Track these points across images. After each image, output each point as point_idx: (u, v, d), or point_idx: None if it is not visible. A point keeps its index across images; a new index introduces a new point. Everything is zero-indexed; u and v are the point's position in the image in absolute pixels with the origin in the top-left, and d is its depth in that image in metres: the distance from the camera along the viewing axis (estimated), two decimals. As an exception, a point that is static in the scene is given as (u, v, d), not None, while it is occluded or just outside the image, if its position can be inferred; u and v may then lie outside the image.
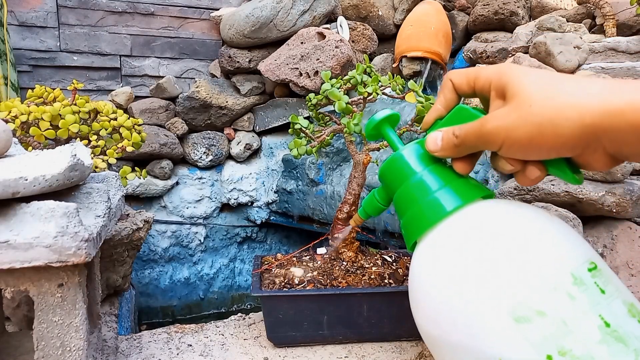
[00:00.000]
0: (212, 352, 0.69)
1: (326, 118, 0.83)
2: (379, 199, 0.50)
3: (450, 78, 0.42)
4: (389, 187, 0.46)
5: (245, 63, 1.72)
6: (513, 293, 0.33)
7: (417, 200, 0.42)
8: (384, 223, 1.38)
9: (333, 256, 0.78)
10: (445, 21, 1.77)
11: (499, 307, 0.33)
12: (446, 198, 0.40)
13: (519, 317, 0.32)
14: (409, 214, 0.42)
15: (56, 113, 0.82)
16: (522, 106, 0.33)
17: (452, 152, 0.40)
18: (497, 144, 0.35)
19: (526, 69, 0.36)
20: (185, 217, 1.73)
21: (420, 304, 0.40)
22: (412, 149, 0.44)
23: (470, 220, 0.38)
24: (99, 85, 1.73)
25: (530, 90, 0.34)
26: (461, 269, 0.36)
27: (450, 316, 0.36)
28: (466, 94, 0.42)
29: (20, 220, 0.43)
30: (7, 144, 0.53)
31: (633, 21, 1.44)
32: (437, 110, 0.43)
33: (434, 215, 0.40)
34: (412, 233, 0.42)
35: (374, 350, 0.70)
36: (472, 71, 0.40)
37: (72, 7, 1.67)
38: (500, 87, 0.36)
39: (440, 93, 0.43)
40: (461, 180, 0.41)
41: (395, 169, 0.44)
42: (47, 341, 0.47)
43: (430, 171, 0.42)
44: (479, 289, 0.34)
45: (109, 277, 0.88)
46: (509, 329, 0.32)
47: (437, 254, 0.38)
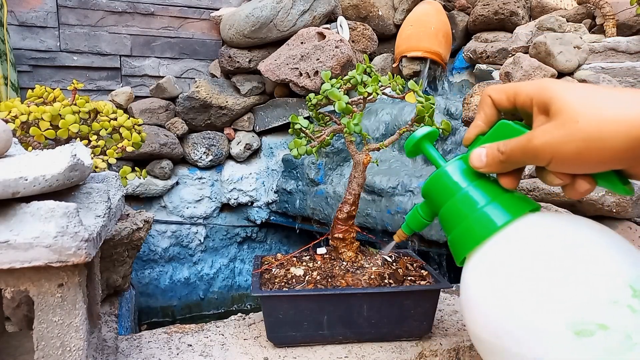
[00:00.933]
0: (212, 352, 0.69)
1: (326, 118, 0.83)
2: (422, 214, 0.50)
3: (489, 94, 0.42)
4: (434, 203, 0.47)
5: (245, 63, 1.72)
6: (572, 307, 0.33)
7: (465, 215, 0.42)
8: (384, 223, 1.38)
9: (333, 256, 0.78)
10: (445, 21, 1.77)
11: (558, 321, 0.33)
12: (495, 213, 0.40)
13: (580, 330, 0.32)
14: (457, 230, 0.43)
15: (56, 113, 0.82)
16: (569, 122, 0.34)
17: (498, 168, 0.41)
18: (545, 159, 0.36)
19: (567, 84, 0.36)
20: (185, 217, 1.73)
21: (476, 317, 0.40)
22: (455, 165, 0.44)
23: (523, 234, 0.39)
24: (99, 85, 1.73)
25: (575, 106, 0.34)
26: (517, 283, 0.36)
27: (509, 329, 0.36)
28: (506, 110, 0.42)
29: (20, 220, 0.43)
30: (7, 144, 0.53)
31: (633, 21, 1.44)
32: (478, 127, 0.44)
33: (484, 230, 0.40)
34: (462, 248, 0.42)
35: (374, 350, 0.69)
36: (511, 87, 0.41)
37: (72, 7, 1.67)
38: (542, 103, 0.37)
39: (479, 109, 0.44)
40: (507, 194, 0.42)
41: (440, 185, 0.45)
42: (47, 341, 0.47)
43: (475, 186, 0.43)
44: (537, 302, 0.34)
45: (109, 277, 0.88)
46: (570, 343, 0.32)
47: (491, 268, 0.39)
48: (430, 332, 0.73)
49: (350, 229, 0.77)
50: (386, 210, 1.37)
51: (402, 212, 1.33)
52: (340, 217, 0.77)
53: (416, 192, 1.32)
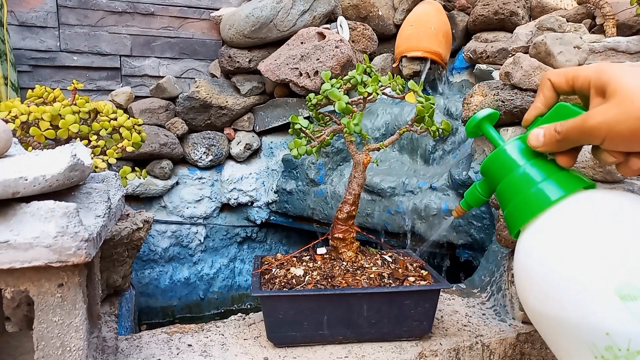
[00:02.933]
0: (212, 352, 0.69)
1: (326, 118, 0.83)
2: (480, 191, 0.53)
3: (549, 77, 0.45)
4: (492, 179, 0.50)
5: (245, 63, 1.72)
6: (619, 273, 0.36)
7: (521, 191, 0.45)
8: (384, 223, 1.38)
9: (333, 256, 0.78)
10: (445, 21, 1.77)
11: (605, 286, 0.36)
12: (550, 189, 0.43)
13: (625, 295, 0.35)
14: (513, 204, 0.46)
15: (56, 113, 0.82)
16: (625, 102, 0.36)
17: (554, 147, 0.43)
18: (600, 138, 0.38)
19: (624, 67, 0.38)
20: (185, 217, 1.73)
21: (529, 285, 0.42)
22: (514, 144, 0.47)
23: (575, 208, 0.41)
24: (99, 85, 1.73)
25: (631, 87, 0.36)
26: (570, 251, 0.39)
27: (559, 296, 0.39)
28: (565, 92, 0.44)
29: (20, 220, 0.43)
30: (7, 144, 0.53)
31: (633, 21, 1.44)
32: (537, 108, 0.46)
33: (539, 204, 0.43)
34: (517, 221, 0.45)
35: (374, 350, 0.69)
36: (571, 71, 0.43)
37: (72, 7, 1.67)
38: (600, 85, 0.39)
39: (539, 92, 0.46)
40: (563, 172, 0.44)
41: (499, 163, 0.48)
42: (47, 341, 0.47)
43: (532, 164, 0.45)
44: (588, 269, 0.37)
45: (109, 277, 0.88)
46: (616, 306, 0.35)
47: (544, 240, 0.42)
48: (430, 332, 0.73)
49: (350, 229, 0.77)
50: (386, 210, 1.37)
51: (402, 212, 1.33)
52: (340, 217, 0.77)
53: (416, 192, 1.32)
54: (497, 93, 1.00)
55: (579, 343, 0.38)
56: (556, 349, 0.42)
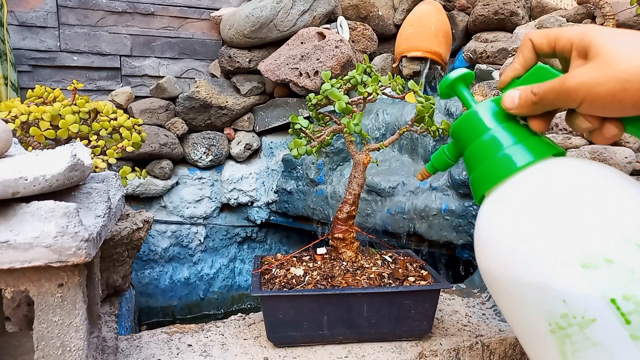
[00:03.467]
0: (212, 352, 0.69)
1: (326, 118, 0.83)
2: (448, 154, 0.51)
3: (530, 38, 0.43)
4: (461, 142, 0.47)
5: (245, 63, 1.72)
6: (583, 241, 0.35)
7: (489, 155, 0.43)
8: (384, 223, 1.38)
9: (333, 256, 0.78)
10: (445, 21, 1.77)
11: (567, 253, 0.35)
12: (519, 154, 0.41)
13: (587, 263, 0.34)
14: (480, 168, 0.44)
15: (56, 113, 0.82)
16: (607, 63, 0.35)
17: (529, 110, 0.41)
18: (577, 100, 0.37)
19: (610, 30, 0.37)
20: (185, 217, 1.73)
21: (489, 250, 0.41)
22: (486, 106, 0.45)
23: (543, 175, 0.40)
24: (99, 85, 1.73)
25: (615, 48, 0.35)
26: (533, 218, 0.38)
27: (519, 261, 0.38)
28: (546, 54, 0.42)
29: (20, 220, 0.43)
30: (7, 144, 0.53)
31: (633, 21, 1.44)
32: (515, 70, 0.44)
33: (505, 169, 0.41)
34: (482, 186, 0.43)
35: (374, 350, 0.70)
36: (553, 31, 0.41)
37: (72, 7, 1.67)
38: (582, 47, 0.37)
39: (519, 52, 0.44)
40: (534, 137, 0.42)
41: (469, 125, 0.45)
42: (47, 341, 0.47)
43: (503, 128, 0.43)
44: (551, 236, 0.36)
45: (109, 277, 0.88)
46: (576, 273, 0.34)
47: (508, 205, 0.40)
48: (430, 332, 0.73)
49: (350, 229, 0.77)
50: (386, 210, 1.37)
51: (402, 212, 1.33)
52: (340, 217, 0.77)
53: (416, 192, 1.32)
54: (497, 93, 1.00)
55: (534, 309, 0.37)
56: (510, 316, 0.41)
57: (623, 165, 0.81)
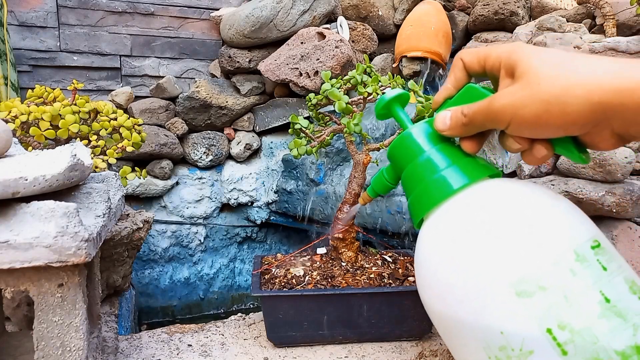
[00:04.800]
0: (212, 352, 0.69)
1: (326, 118, 0.83)
2: (387, 177, 0.49)
3: (461, 57, 0.42)
4: (397, 165, 0.46)
5: (245, 63, 1.72)
6: (515, 268, 0.33)
7: (424, 178, 0.42)
8: (384, 223, 1.38)
9: (333, 256, 0.78)
10: (445, 21, 1.77)
11: (501, 282, 0.34)
12: (453, 176, 0.40)
13: (521, 291, 0.33)
14: (415, 192, 0.43)
15: (56, 113, 0.82)
16: (531, 84, 0.34)
17: (461, 131, 0.40)
18: (504, 122, 0.36)
19: (537, 48, 0.36)
20: (185, 217, 1.73)
21: (426, 280, 0.40)
22: (420, 127, 0.44)
23: (476, 198, 0.39)
24: (99, 85, 1.73)
25: (539, 68, 0.34)
26: (466, 245, 0.36)
27: (455, 292, 0.36)
28: (477, 73, 0.42)
29: (20, 220, 0.43)
30: (7, 144, 0.53)
31: (633, 21, 1.44)
32: (446, 90, 0.43)
33: (440, 193, 0.40)
34: (418, 211, 0.42)
35: (374, 350, 0.70)
36: (483, 50, 0.40)
37: (72, 7, 1.67)
38: (509, 66, 0.36)
39: (450, 72, 0.43)
40: (469, 159, 0.41)
41: (404, 148, 0.44)
42: (47, 341, 0.47)
43: (438, 150, 0.42)
44: (483, 264, 0.35)
45: (109, 277, 0.88)
46: (511, 303, 0.33)
47: (442, 231, 0.39)
48: (430, 332, 0.73)
49: (350, 229, 0.77)
50: (386, 210, 1.37)
51: (402, 212, 1.33)
52: (340, 217, 0.77)
53: (416, 192, 1.32)
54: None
55: (474, 342, 0.35)
56: (452, 347, 0.40)
57: (623, 165, 0.81)
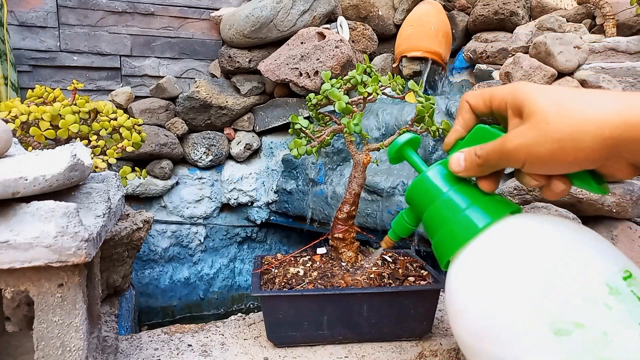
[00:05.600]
0: (212, 352, 0.69)
1: (326, 118, 0.83)
2: (407, 220, 0.51)
3: (467, 100, 0.43)
4: (417, 208, 0.47)
5: (245, 63, 1.72)
6: (551, 307, 0.34)
7: (447, 219, 0.43)
8: (384, 223, 1.38)
9: (333, 256, 0.78)
10: (445, 21, 1.77)
11: (538, 321, 0.34)
12: (476, 216, 0.41)
13: (559, 330, 0.33)
14: (440, 234, 0.43)
15: (56, 113, 0.82)
16: (540, 124, 0.35)
17: (476, 172, 0.41)
18: (519, 161, 0.37)
19: (539, 87, 0.37)
20: (185, 217, 1.73)
21: (460, 318, 0.40)
22: (436, 170, 0.45)
23: (503, 237, 0.39)
24: (99, 85, 1.73)
25: (546, 107, 0.35)
26: (498, 284, 0.37)
27: (491, 331, 0.37)
28: (483, 114, 0.43)
29: (20, 220, 0.43)
30: (7, 144, 0.53)
31: (633, 21, 1.44)
32: (456, 132, 0.44)
33: (465, 233, 0.41)
34: (445, 252, 0.43)
35: (374, 350, 0.70)
36: (487, 92, 0.41)
37: (72, 7, 1.67)
38: (516, 106, 0.37)
39: (458, 115, 0.44)
40: (487, 197, 0.42)
41: (422, 191, 0.46)
42: (47, 341, 0.47)
43: (456, 190, 0.43)
44: (517, 304, 0.35)
45: (109, 277, 0.88)
46: (549, 342, 0.33)
47: (472, 271, 0.39)
48: (430, 332, 0.73)
49: (350, 229, 0.77)
50: (386, 210, 1.37)
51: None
52: (340, 217, 0.77)
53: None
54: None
55: None
56: None
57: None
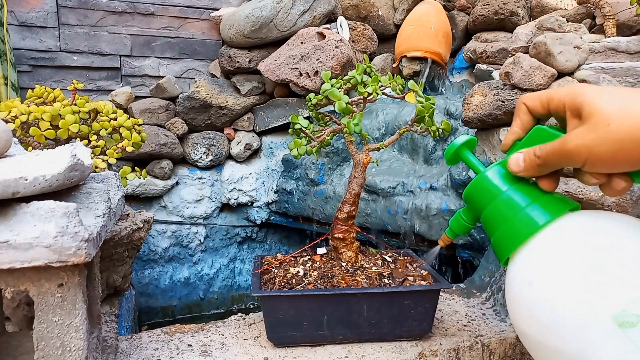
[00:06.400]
0: (212, 352, 0.69)
1: (326, 118, 0.83)
2: (465, 218, 0.52)
3: (524, 102, 0.44)
4: (475, 207, 0.49)
5: (245, 63, 1.72)
6: (615, 300, 0.35)
7: (507, 217, 0.44)
8: (384, 223, 1.38)
9: (333, 256, 0.78)
10: (445, 21, 1.77)
11: (602, 314, 0.35)
12: (536, 213, 0.42)
13: (623, 322, 0.34)
14: (500, 231, 0.45)
15: (56, 113, 0.82)
16: (600, 125, 0.36)
17: (535, 172, 0.43)
18: (580, 161, 0.38)
19: (598, 88, 0.38)
20: (185, 217, 1.73)
21: (522, 313, 0.41)
22: (495, 170, 0.47)
23: (564, 232, 0.40)
24: (99, 85, 1.73)
25: (605, 109, 0.36)
26: (561, 279, 0.38)
27: (554, 324, 0.38)
28: (541, 115, 0.44)
29: (20, 220, 0.43)
30: (7, 144, 0.53)
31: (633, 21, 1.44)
32: (515, 133, 0.46)
33: (526, 230, 0.42)
34: (505, 248, 0.44)
35: (374, 350, 0.69)
36: (544, 94, 0.42)
37: (72, 7, 1.67)
38: (574, 108, 0.38)
39: (515, 116, 0.46)
40: (546, 195, 0.43)
41: (481, 190, 0.47)
42: (47, 341, 0.47)
43: (515, 189, 0.45)
44: (581, 297, 0.36)
45: (109, 277, 0.88)
46: (614, 334, 0.34)
47: (535, 266, 0.41)
48: (430, 332, 0.73)
49: (350, 229, 0.77)
50: (386, 210, 1.37)
51: (402, 212, 1.33)
52: (340, 217, 0.77)
53: (416, 193, 1.32)
54: (497, 93, 1.00)
55: None
56: None
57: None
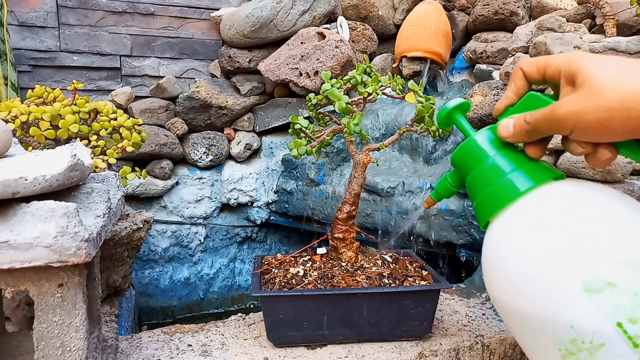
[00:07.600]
0: (212, 352, 0.69)
1: (326, 118, 0.83)
2: (451, 182, 0.52)
3: (521, 67, 0.44)
4: (462, 170, 0.49)
5: (245, 63, 1.72)
6: (585, 266, 0.35)
7: (490, 181, 0.44)
8: (384, 223, 1.38)
9: (333, 256, 0.78)
10: (445, 21, 1.77)
11: (571, 279, 0.35)
12: (519, 179, 0.43)
13: (591, 288, 0.34)
14: (482, 195, 0.45)
15: (56, 113, 0.82)
16: (593, 92, 0.35)
17: (524, 137, 0.43)
18: (568, 128, 0.38)
19: (595, 56, 0.37)
20: (185, 217, 1.73)
21: (496, 277, 0.42)
22: (484, 134, 0.46)
23: (544, 200, 0.41)
24: (99, 85, 1.73)
25: (599, 76, 0.35)
26: (536, 244, 0.38)
27: (525, 288, 0.38)
28: (536, 81, 0.44)
29: (20, 220, 0.43)
30: (7, 144, 0.53)
31: (633, 21, 1.44)
32: (508, 98, 0.45)
33: (508, 195, 0.42)
34: (485, 212, 0.45)
35: (374, 350, 0.69)
36: (542, 59, 0.42)
37: (72, 7, 1.67)
38: (569, 74, 0.38)
39: (511, 81, 0.45)
40: (532, 162, 0.44)
41: (469, 153, 0.47)
42: (47, 341, 0.47)
43: (502, 155, 0.45)
44: (553, 262, 0.37)
45: (109, 277, 0.88)
46: (581, 299, 0.35)
47: (512, 230, 0.41)
48: (430, 332, 0.73)
49: (350, 229, 0.77)
50: (386, 210, 1.37)
51: (402, 212, 1.33)
52: (340, 217, 0.77)
53: (416, 193, 1.32)
54: (497, 93, 1.00)
55: (544, 336, 0.37)
56: (523, 342, 0.42)
57: (623, 165, 0.81)
